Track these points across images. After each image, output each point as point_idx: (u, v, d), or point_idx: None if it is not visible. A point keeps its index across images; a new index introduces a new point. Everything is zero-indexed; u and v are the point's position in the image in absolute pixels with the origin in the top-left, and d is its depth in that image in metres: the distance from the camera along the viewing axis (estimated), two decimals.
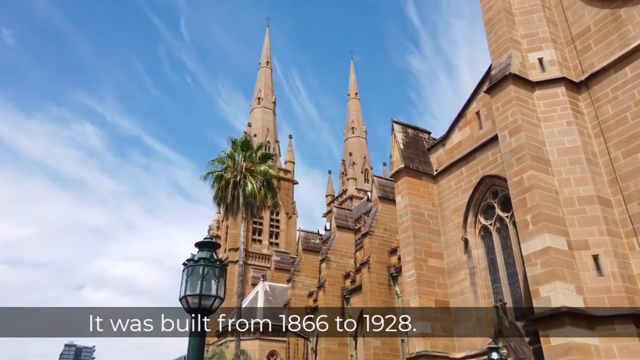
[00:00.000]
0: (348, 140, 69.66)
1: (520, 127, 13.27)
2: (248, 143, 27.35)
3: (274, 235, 54.54)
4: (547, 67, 14.32)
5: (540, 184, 12.53)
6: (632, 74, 12.74)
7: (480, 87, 17.31)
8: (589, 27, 14.29)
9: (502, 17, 15.20)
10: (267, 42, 69.48)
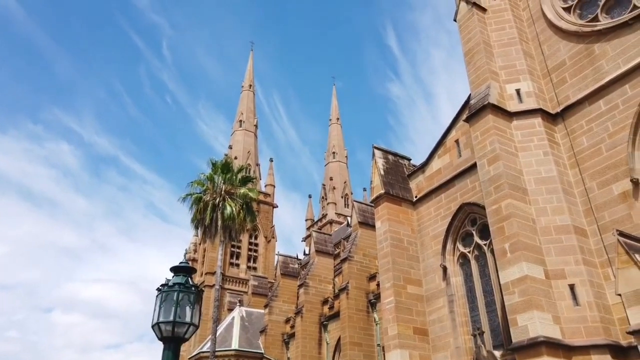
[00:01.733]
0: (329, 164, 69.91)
1: (499, 156, 13.48)
2: (228, 165, 27.15)
3: (252, 259, 53.82)
4: (525, 98, 14.67)
5: (518, 212, 12.67)
6: (605, 107, 13.13)
7: (459, 115, 17.60)
8: (564, 60, 14.75)
9: (481, 48, 15.60)
10: (251, 66, 69.96)
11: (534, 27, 16.01)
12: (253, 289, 41.09)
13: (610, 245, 11.64)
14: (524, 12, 16.61)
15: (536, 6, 16.10)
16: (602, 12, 14.30)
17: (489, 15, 16.43)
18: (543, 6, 15.80)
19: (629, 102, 12.52)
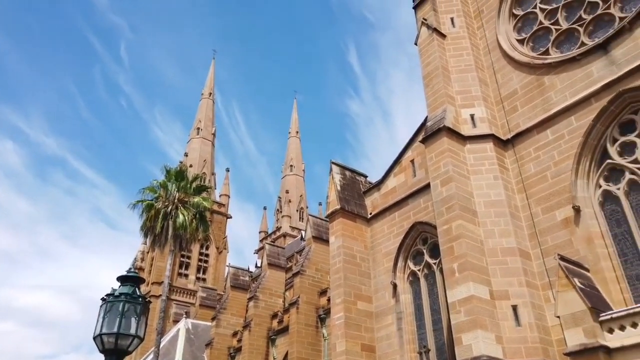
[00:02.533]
0: (286, 177, 69.79)
1: (452, 177, 13.86)
2: (183, 173, 26.59)
3: (202, 270, 52.65)
4: (478, 123, 15.21)
5: (467, 233, 13.03)
6: (552, 137, 13.80)
7: (416, 136, 18.02)
8: (516, 90, 15.43)
9: (439, 73, 16.10)
10: (212, 74, 69.28)
11: (490, 56, 16.70)
12: (201, 301, 40.11)
13: (551, 268, 12.14)
14: (480, 40, 17.31)
15: (492, 36, 16.82)
16: (552, 46, 15.10)
17: (448, 42, 17.01)
18: (499, 37, 16.52)
19: (574, 133, 13.21)
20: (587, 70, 13.59)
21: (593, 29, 14.27)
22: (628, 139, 12.33)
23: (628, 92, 12.36)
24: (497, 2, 17.02)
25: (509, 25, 16.61)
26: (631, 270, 11.55)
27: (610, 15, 13.83)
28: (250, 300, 30.99)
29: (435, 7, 17.72)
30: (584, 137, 12.88)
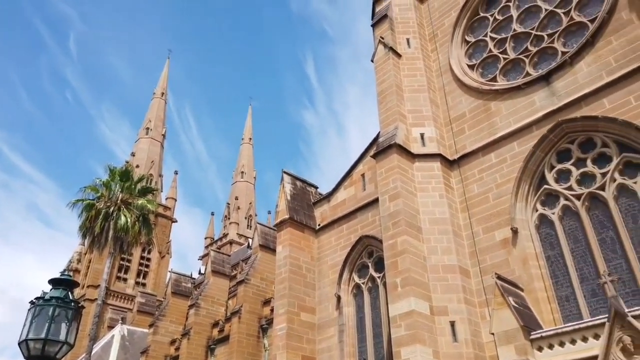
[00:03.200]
0: (236, 184, 68.97)
1: (399, 194, 14.17)
2: (128, 173, 25.67)
3: (142, 274, 50.89)
4: (427, 142, 15.66)
5: (412, 249, 13.33)
6: (496, 160, 14.41)
7: (367, 151, 18.32)
8: (464, 112, 16.03)
9: (393, 91, 16.49)
10: (166, 74, 67.74)
11: (442, 79, 17.29)
12: (139, 307, 38.69)
13: (489, 286, 12.60)
14: (434, 63, 17.90)
15: (445, 60, 17.44)
16: (500, 74, 15.83)
17: (403, 61, 17.48)
18: (451, 61, 17.15)
19: (516, 158, 13.86)
20: (530, 99, 14.32)
21: (538, 60, 15.09)
22: (564, 166, 13.06)
23: (566, 122, 13.12)
24: (451, 27, 17.70)
25: (460, 51, 17.28)
26: (561, 292, 12.17)
27: (553, 49, 14.68)
28: (191, 308, 30.20)
29: (393, 27, 18.21)
30: (524, 163, 13.53)
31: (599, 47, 13.31)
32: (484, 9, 17.37)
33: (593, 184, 12.36)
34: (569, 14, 14.64)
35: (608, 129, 12.36)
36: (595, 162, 12.52)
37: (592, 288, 11.69)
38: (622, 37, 12.90)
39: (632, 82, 12.19)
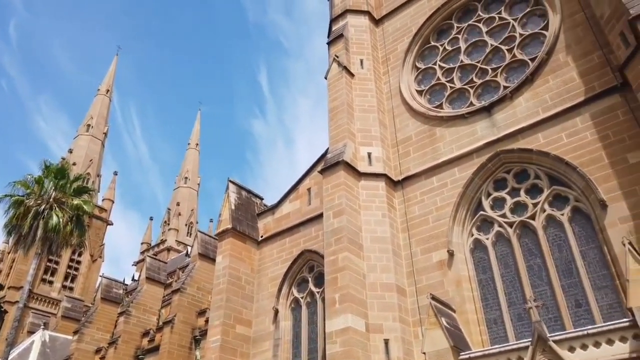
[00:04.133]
0: (179, 189, 67.23)
1: (344, 210, 14.35)
2: (64, 171, 24.39)
3: (70, 278, 48.26)
4: (374, 162, 16.00)
5: (352, 266, 13.49)
6: (437, 184, 14.92)
7: (315, 166, 18.46)
8: (411, 136, 16.53)
9: (344, 109, 16.78)
10: (113, 71, 65.44)
11: (392, 101, 17.78)
12: (64, 312, 36.58)
13: (423, 306, 12.93)
14: (385, 85, 18.39)
15: (396, 83, 17.97)
16: (446, 102, 16.49)
17: (355, 81, 17.85)
18: (401, 85, 17.69)
19: (456, 183, 14.41)
20: (472, 128, 15.00)
21: (481, 92, 15.86)
22: (500, 195, 13.72)
23: (504, 153, 13.83)
24: (403, 53, 18.29)
25: (411, 76, 17.88)
26: (490, 314, 12.69)
27: (496, 82, 15.50)
28: (121, 315, 28.91)
29: (348, 47, 18.59)
30: (463, 188, 14.10)
31: (537, 85, 14.19)
32: (435, 38, 18.10)
33: (525, 213, 13.05)
34: (512, 51, 15.54)
35: (541, 162, 13.14)
36: (528, 193, 13.24)
37: (519, 312, 12.27)
38: (558, 78, 13.83)
39: (565, 120, 13.06)
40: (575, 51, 13.80)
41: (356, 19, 19.72)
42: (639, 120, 11.67)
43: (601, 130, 12.33)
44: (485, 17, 16.89)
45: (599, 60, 13.21)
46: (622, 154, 11.76)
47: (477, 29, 16.96)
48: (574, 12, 14.33)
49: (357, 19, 19.73)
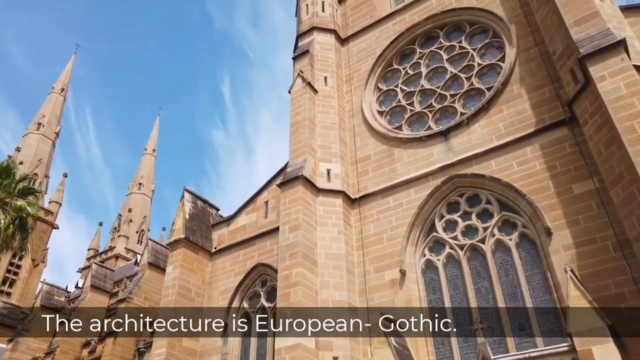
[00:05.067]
0: (131, 195, 65.27)
1: (300, 225, 14.33)
2: (10, 170, 23.26)
3: (8, 282, 45.64)
4: (333, 178, 16.11)
5: (305, 282, 13.44)
6: (393, 203, 15.16)
7: (274, 179, 18.38)
8: (370, 155, 16.78)
9: (306, 124, 16.87)
10: (70, 69, 63.27)
11: (353, 120, 18.02)
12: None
13: (373, 325, 12.98)
14: (347, 104, 18.65)
15: (358, 102, 18.26)
16: (405, 124, 16.86)
17: (318, 98, 18.01)
18: (363, 104, 17.99)
19: (411, 204, 14.70)
20: (429, 151, 15.38)
21: (439, 117, 16.32)
22: (452, 217, 14.08)
23: (458, 177, 14.25)
24: (366, 73, 18.65)
25: (372, 97, 18.21)
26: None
27: (454, 108, 16.00)
28: (61, 324, 27.54)
29: (313, 64, 18.78)
30: (418, 209, 14.39)
31: (492, 113, 14.76)
32: (397, 61, 18.56)
33: (475, 237, 13.43)
34: (470, 80, 16.12)
35: (492, 188, 13.60)
36: (479, 217, 13.64)
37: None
38: (512, 108, 14.44)
39: (517, 149, 13.61)
40: (529, 84, 14.48)
41: (323, 37, 19.99)
42: (585, 153, 12.30)
43: (549, 161, 12.92)
44: (446, 45, 17.49)
45: (550, 94, 13.90)
46: (567, 185, 12.35)
47: (438, 55, 17.52)
48: (529, 47, 15.06)
49: (324, 37, 20.01)
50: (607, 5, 13.36)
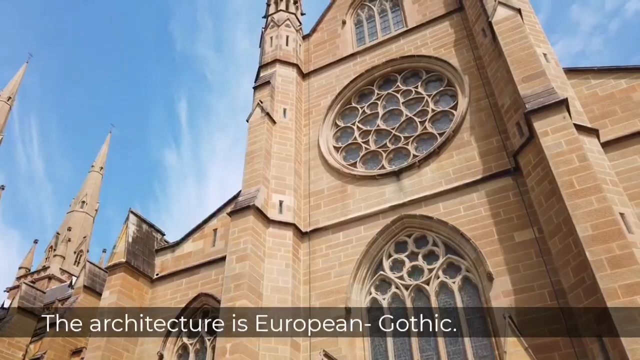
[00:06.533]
0: (73, 213, 62.33)
1: (248, 256, 14.07)
2: None
3: None
4: (285, 210, 16.02)
5: (249, 315, 13.08)
6: (343, 239, 15.20)
7: (225, 207, 18.08)
8: (323, 189, 16.87)
9: (262, 154, 16.83)
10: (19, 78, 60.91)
11: (309, 153, 18.16)
12: None
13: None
14: (304, 137, 18.81)
15: (315, 137, 18.46)
16: (360, 161, 17.13)
17: (276, 129, 18.08)
18: (320, 139, 18.20)
19: (361, 241, 14.79)
20: (381, 190, 15.65)
21: (393, 157, 16.72)
22: (399, 257, 14.24)
23: (407, 217, 14.52)
24: (325, 109, 18.96)
25: (330, 132, 18.48)
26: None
27: (407, 150, 16.45)
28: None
29: (273, 95, 18.94)
30: (367, 247, 14.49)
31: (442, 158, 15.27)
32: (356, 100, 19.02)
33: (420, 278, 13.61)
34: (424, 124, 16.69)
35: (440, 231, 13.93)
36: (425, 258, 13.87)
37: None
38: (462, 154, 15.01)
39: (464, 194, 14.08)
40: (478, 133, 15.14)
41: (285, 70, 20.27)
42: (527, 203, 12.87)
43: (494, 208, 13.43)
44: (403, 89, 18.11)
45: (497, 144, 14.57)
46: (510, 232, 12.83)
47: (395, 98, 18.09)
48: (480, 98, 15.83)
49: (286, 70, 20.29)
50: (552, 66, 14.33)
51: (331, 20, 22.47)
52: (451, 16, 18.76)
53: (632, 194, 11.66)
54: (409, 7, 20.48)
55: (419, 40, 18.90)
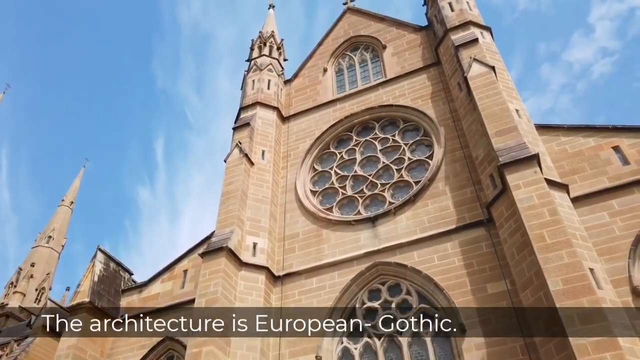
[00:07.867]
0: (37, 248, 60.01)
1: (218, 299, 13.67)
2: None
3: None
4: (258, 253, 15.76)
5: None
6: (316, 285, 14.96)
7: (197, 247, 17.72)
8: (298, 233, 16.73)
9: (238, 195, 16.70)
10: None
11: (285, 196, 18.11)
12: None
13: None
14: (282, 179, 18.82)
15: (292, 179, 18.48)
16: (336, 206, 17.15)
17: (254, 170, 18.06)
18: (297, 182, 18.22)
19: (334, 287, 14.57)
20: (356, 236, 15.61)
21: (369, 203, 16.80)
22: (373, 305, 14.04)
23: (382, 264, 14.44)
24: (303, 153, 19.11)
25: (307, 176, 18.55)
26: None
27: (383, 197, 16.57)
28: None
29: (252, 136, 19.03)
30: (340, 293, 14.27)
31: (418, 206, 15.40)
32: (334, 145, 19.25)
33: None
34: (400, 172, 16.92)
35: (413, 279, 13.85)
36: (398, 307, 13.69)
37: None
38: (436, 203, 15.18)
39: (438, 243, 14.14)
40: (453, 183, 15.40)
41: (265, 112, 20.49)
42: (499, 254, 12.97)
43: (467, 258, 13.48)
44: (381, 137, 18.45)
45: (471, 195, 14.81)
46: (482, 283, 12.84)
47: (373, 145, 18.38)
48: (455, 149, 16.20)
49: (266, 113, 20.51)
50: (524, 121, 14.86)
51: (313, 67, 23.01)
52: (428, 69, 19.44)
53: (600, 249, 11.90)
54: (389, 59, 21.17)
55: (397, 90, 19.44)
